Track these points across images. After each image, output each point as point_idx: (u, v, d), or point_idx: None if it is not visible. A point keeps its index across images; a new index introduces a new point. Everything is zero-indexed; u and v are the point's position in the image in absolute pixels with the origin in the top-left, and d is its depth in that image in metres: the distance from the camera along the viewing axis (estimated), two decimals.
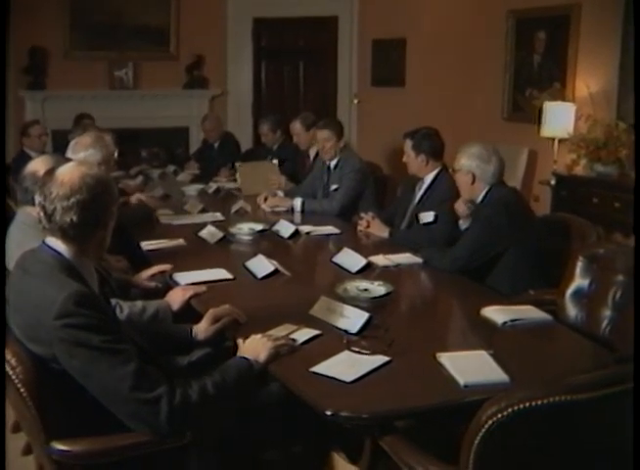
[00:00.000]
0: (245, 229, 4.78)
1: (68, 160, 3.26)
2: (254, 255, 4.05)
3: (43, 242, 2.49)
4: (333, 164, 5.88)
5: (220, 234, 4.62)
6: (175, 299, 3.34)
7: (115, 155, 4.74)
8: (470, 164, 4.12)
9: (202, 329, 2.97)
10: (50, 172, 2.50)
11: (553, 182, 6.78)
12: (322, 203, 5.71)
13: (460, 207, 4.26)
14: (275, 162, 6.25)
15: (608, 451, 2.20)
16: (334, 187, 5.76)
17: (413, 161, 4.87)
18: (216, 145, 8.17)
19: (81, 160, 3.87)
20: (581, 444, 2.16)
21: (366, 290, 3.44)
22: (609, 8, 6.44)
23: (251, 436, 2.69)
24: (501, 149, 4.32)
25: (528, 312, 3.28)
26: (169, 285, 3.68)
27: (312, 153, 6.75)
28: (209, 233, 4.66)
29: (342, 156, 5.84)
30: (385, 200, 5.97)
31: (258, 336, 2.77)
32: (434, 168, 4.86)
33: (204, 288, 3.46)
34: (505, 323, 3.15)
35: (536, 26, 7.38)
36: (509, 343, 3.05)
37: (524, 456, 2.14)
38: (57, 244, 2.46)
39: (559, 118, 6.68)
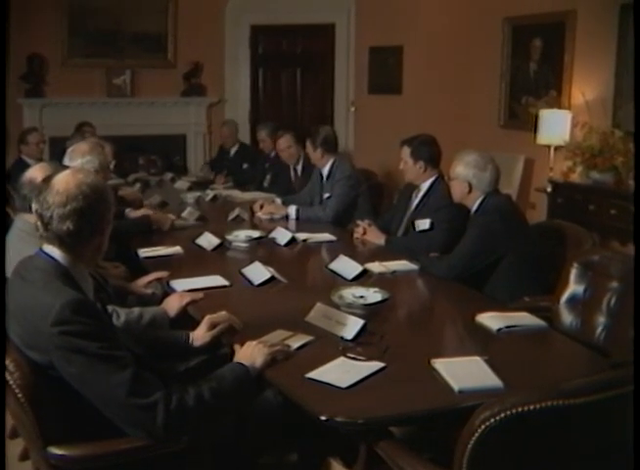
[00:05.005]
0: (241, 236, 4.78)
1: (66, 167, 3.27)
2: (251, 262, 4.06)
3: (40, 249, 2.51)
4: (325, 172, 5.92)
5: (217, 241, 4.63)
6: (172, 305, 3.35)
7: (112, 166, 4.74)
8: (467, 174, 4.13)
9: (198, 336, 2.98)
10: (47, 180, 2.51)
11: (549, 189, 6.80)
12: (316, 210, 5.75)
13: None
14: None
15: (601, 456, 2.21)
16: (326, 195, 5.80)
17: (411, 167, 4.87)
18: (233, 151, 8.26)
19: (78, 167, 3.88)
20: (575, 448, 2.17)
21: (362, 297, 3.44)
22: (604, 14, 6.47)
23: (248, 441, 2.70)
24: (497, 156, 4.33)
25: (523, 319, 3.29)
26: (166, 292, 3.69)
27: (299, 168, 6.95)
28: (206, 240, 4.66)
29: (335, 163, 5.87)
30: (381, 207, 5.99)
31: (254, 342, 2.79)
32: (430, 176, 4.87)
33: (200, 295, 3.47)
34: (500, 330, 3.16)
35: (532, 34, 7.41)
36: (504, 349, 3.06)
37: (517, 461, 2.15)
38: (53, 251, 2.47)
39: (555, 126, 6.71)
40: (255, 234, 4.85)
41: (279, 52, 10.11)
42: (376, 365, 2.76)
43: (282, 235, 4.85)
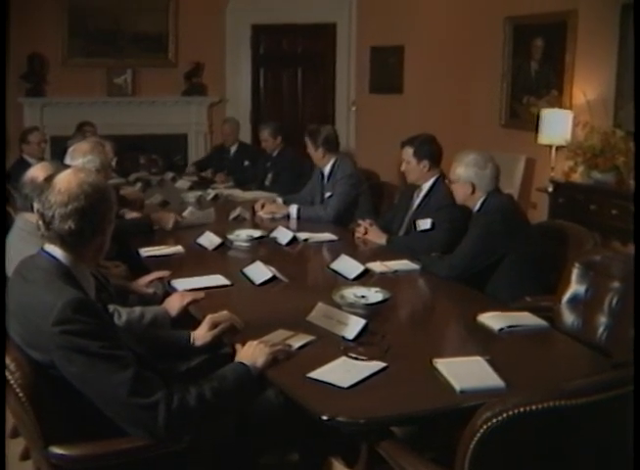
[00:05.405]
0: (243, 236, 4.77)
1: (68, 167, 3.27)
2: (252, 261, 4.06)
3: (42, 249, 2.51)
4: (327, 171, 5.91)
5: (218, 240, 4.62)
6: (173, 305, 3.34)
7: (113, 164, 4.72)
8: (468, 174, 4.11)
9: (200, 335, 2.97)
10: (49, 179, 2.51)
11: (550, 189, 6.80)
12: (317, 209, 5.74)
13: None
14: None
15: (602, 456, 2.21)
16: (328, 194, 5.79)
17: (414, 168, 4.84)
18: (233, 150, 8.26)
19: (80, 166, 3.88)
20: (576, 448, 2.17)
21: (363, 296, 3.43)
22: (605, 14, 6.46)
23: (249, 441, 2.70)
24: (498, 156, 4.33)
25: (525, 319, 3.29)
26: (168, 291, 3.69)
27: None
28: (208, 239, 4.66)
29: (336, 163, 5.87)
30: (382, 207, 5.98)
31: (255, 342, 2.78)
32: (433, 175, 4.85)
33: (202, 294, 3.46)
34: (502, 329, 3.16)
35: (533, 33, 7.41)
36: (505, 349, 3.06)
37: (518, 461, 2.14)
38: (55, 250, 2.47)
39: (556, 126, 6.71)
40: (257, 233, 4.84)
41: (280, 51, 10.11)
42: (377, 365, 2.76)
43: (283, 234, 4.84)
